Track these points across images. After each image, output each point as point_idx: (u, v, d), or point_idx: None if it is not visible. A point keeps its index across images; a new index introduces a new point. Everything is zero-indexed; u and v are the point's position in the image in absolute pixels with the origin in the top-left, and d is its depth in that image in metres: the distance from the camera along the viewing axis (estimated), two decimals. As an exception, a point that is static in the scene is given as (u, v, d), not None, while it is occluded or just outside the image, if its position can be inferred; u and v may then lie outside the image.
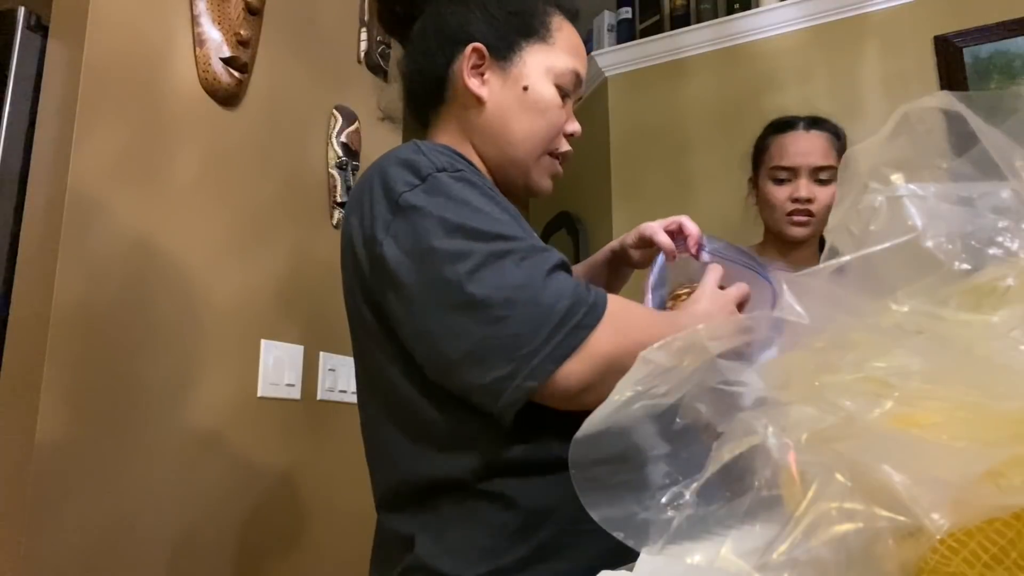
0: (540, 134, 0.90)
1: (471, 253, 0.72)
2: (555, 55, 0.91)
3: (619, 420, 0.52)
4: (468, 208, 0.75)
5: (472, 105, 0.92)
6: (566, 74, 0.91)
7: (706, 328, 0.52)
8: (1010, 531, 0.37)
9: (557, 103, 0.91)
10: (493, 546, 0.75)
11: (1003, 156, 0.48)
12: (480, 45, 0.90)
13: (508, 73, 0.91)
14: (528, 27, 0.91)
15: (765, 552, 0.40)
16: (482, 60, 0.91)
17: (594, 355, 0.71)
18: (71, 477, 1.17)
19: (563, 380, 0.71)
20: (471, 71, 0.91)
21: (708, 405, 0.51)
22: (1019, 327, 0.42)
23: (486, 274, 0.71)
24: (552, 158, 0.94)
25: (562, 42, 0.92)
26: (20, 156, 1.24)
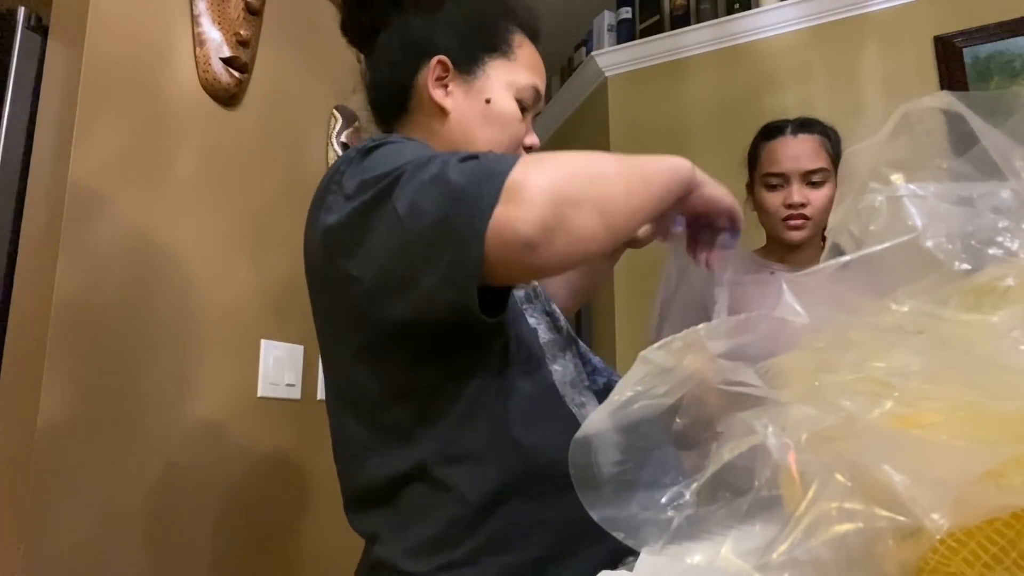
0: (501, 146, 0.92)
1: (391, 183, 0.72)
2: (516, 71, 0.93)
3: (619, 420, 0.52)
4: (387, 155, 0.77)
5: (436, 115, 0.94)
6: (526, 89, 0.93)
7: (706, 328, 0.52)
8: (1010, 531, 0.37)
9: (517, 116, 0.92)
10: (445, 538, 0.76)
11: (1003, 156, 0.48)
12: (444, 58, 0.93)
13: (471, 86, 0.93)
14: (491, 43, 0.93)
15: (765, 552, 0.40)
16: (446, 72, 0.93)
17: (525, 189, 0.66)
18: (71, 476, 1.17)
19: (506, 228, 0.66)
20: (435, 82, 0.93)
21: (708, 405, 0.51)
22: (1019, 327, 0.42)
23: (404, 191, 0.71)
24: None
25: (523, 59, 0.94)
26: (20, 156, 1.24)
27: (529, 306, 0.87)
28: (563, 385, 0.83)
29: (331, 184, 0.80)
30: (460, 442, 0.77)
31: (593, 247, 0.70)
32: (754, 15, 2.47)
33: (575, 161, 0.70)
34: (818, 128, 1.52)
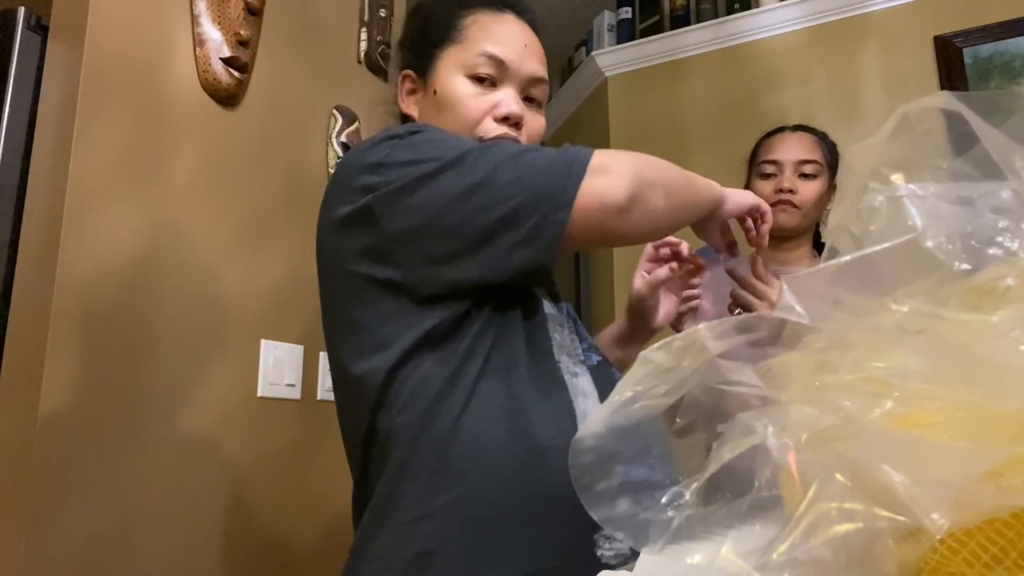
0: (456, 127, 0.91)
1: (457, 156, 0.79)
2: (464, 48, 0.93)
3: (619, 420, 0.52)
4: (435, 137, 0.83)
5: None
6: (476, 61, 0.91)
7: (706, 328, 0.52)
8: (1010, 531, 0.37)
9: (468, 93, 0.91)
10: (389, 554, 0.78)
11: (1003, 156, 0.48)
12: (408, 71, 0.98)
13: (427, 85, 0.96)
14: (438, 37, 0.95)
15: (765, 552, 0.40)
16: (414, 84, 0.98)
17: (611, 167, 0.78)
18: (71, 476, 1.17)
19: (594, 197, 0.76)
20: (406, 96, 0.99)
21: (708, 405, 0.51)
22: (1019, 327, 0.42)
23: (480, 163, 0.78)
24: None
25: (474, 34, 0.93)
26: (20, 156, 1.24)
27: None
28: (559, 352, 0.85)
29: (371, 156, 0.83)
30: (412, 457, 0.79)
31: (661, 225, 0.84)
32: (754, 15, 2.47)
33: (644, 156, 0.82)
34: (816, 131, 1.58)
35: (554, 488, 0.74)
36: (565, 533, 0.75)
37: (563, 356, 0.85)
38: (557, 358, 0.84)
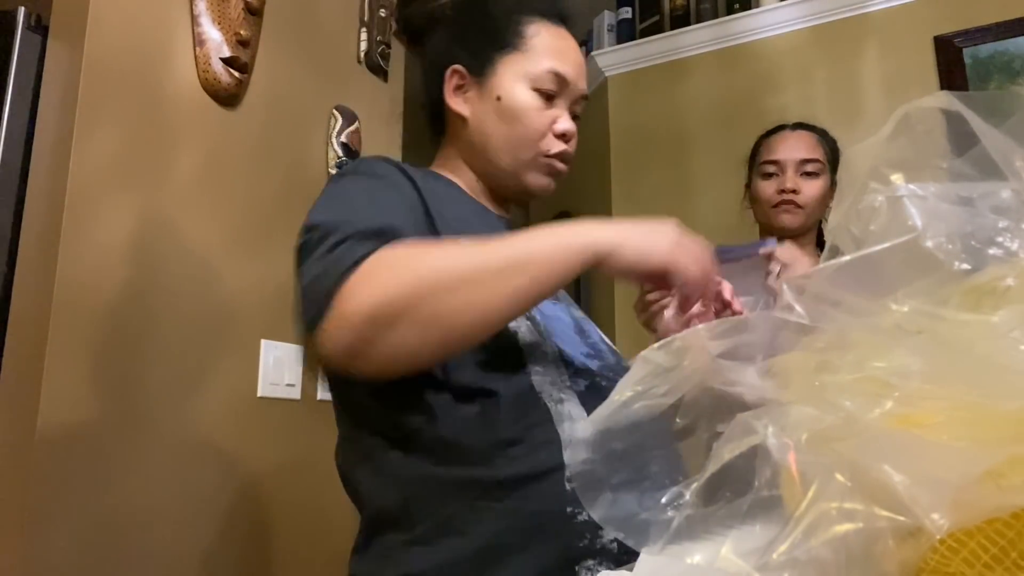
0: (519, 140, 0.93)
1: (317, 236, 0.77)
2: (530, 60, 0.93)
3: (619, 420, 0.52)
4: (341, 195, 0.83)
5: (460, 125, 0.97)
6: (542, 76, 0.93)
7: (706, 328, 0.52)
8: (1010, 531, 0.37)
9: (534, 106, 0.93)
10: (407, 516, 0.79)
11: (1003, 156, 0.48)
12: (458, 66, 0.95)
13: (484, 87, 0.94)
14: (500, 40, 0.95)
15: (765, 552, 0.40)
16: (463, 80, 0.96)
17: (343, 312, 0.69)
18: (71, 476, 1.17)
19: (325, 342, 0.70)
20: (453, 92, 0.96)
21: (708, 405, 0.51)
22: (1019, 327, 0.42)
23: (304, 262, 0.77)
24: (547, 159, 0.95)
25: (539, 46, 0.94)
26: (20, 156, 1.24)
27: None
28: (542, 384, 0.82)
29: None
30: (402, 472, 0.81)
31: (419, 359, 0.73)
32: (754, 15, 2.47)
33: (422, 270, 0.70)
34: (817, 129, 1.58)
35: (535, 519, 0.75)
36: (546, 564, 0.74)
37: (546, 386, 0.82)
38: (538, 389, 0.82)
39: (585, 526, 0.74)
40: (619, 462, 0.53)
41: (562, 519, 0.74)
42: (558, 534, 0.73)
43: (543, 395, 0.81)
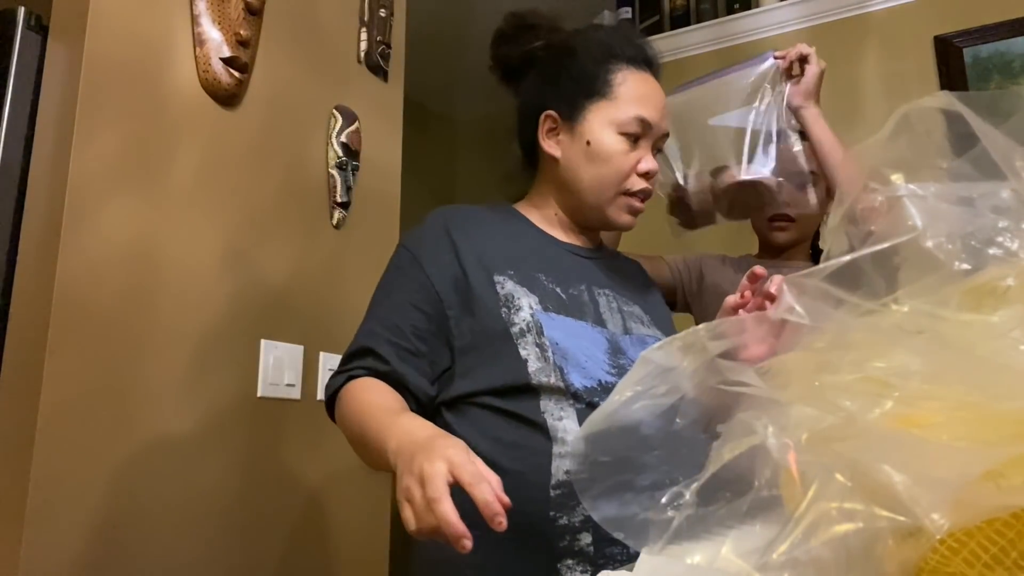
0: (606, 180, 1.04)
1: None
2: (617, 107, 1.03)
3: (619, 420, 0.52)
4: (382, 281, 1.04)
5: (551, 165, 1.08)
6: (629, 122, 1.03)
7: (706, 328, 0.53)
8: (1010, 531, 0.37)
9: (620, 150, 1.03)
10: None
11: (1003, 156, 0.48)
12: (552, 112, 1.06)
13: (575, 132, 1.05)
14: (591, 89, 1.04)
15: (765, 552, 0.40)
16: (556, 124, 1.07)
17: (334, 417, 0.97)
18: (71, 475, 1.17)
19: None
20: (546, 135, 1.07)
21: (708, 405, 0.51)
22: (1019, 327, 0.42)
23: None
24: (628, 196, 1.05)
25: (625, 94, 1.04)
26: (20, 156, 1.24)
27: (522, 339, 0.94)
28: (547, 404, 0.91)
29: None
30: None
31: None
32: (754, 15, 2.46)
33: (343, 425, 0.94)
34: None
35: (524, 517, 0.78)
36: (530, 558, 0.84)
37: (549, 405, 0.91)
38: (542, 409, 0.91)
39: (565, 529, 0.85)
40: (619, 462, 0.53)
41: (546, 521, 0.85)
42: (542, 533, 0.84)
43: (545, 412, 0.90)
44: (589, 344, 0.98)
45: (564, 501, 0.86)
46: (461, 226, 1.04)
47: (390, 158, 1.96)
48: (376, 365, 0.95)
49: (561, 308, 1.00)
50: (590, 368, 0.95)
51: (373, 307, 1.03)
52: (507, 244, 1.04)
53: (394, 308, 0.99)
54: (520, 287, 0.99)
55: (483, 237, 1.04)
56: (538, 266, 1.03)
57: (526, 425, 0.90)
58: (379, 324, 0.99)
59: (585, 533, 0.85)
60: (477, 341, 0.96)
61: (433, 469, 0.66)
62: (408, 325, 0.97)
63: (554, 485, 0.86)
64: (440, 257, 1.01)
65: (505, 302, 0.97)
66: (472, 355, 0.96)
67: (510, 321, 0.95)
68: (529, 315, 0.96)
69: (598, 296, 1.06)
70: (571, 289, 1.04)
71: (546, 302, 0.98)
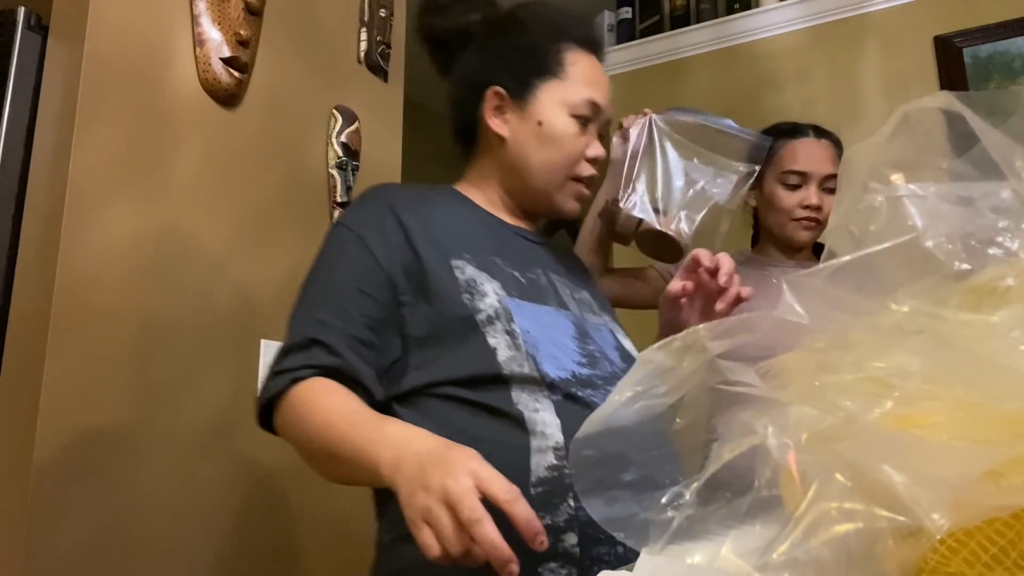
0: (557, 164, 1.00)
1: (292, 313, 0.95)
2: (569, 88, 1.00)
3: (619, 420, 0.52)
4: (313, 275, 0.95)
5: (496, 143, 1.02)
6: (580, 104, 1.00)
7: (706, 328, 0.53)
8: (1010, 531, 0.37)
9: (572, 133, 1.00)
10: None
11: (1003, 156, 0.48)
12: (499, 88, 1.00)
13: (525, 111, 1.00)
14: (541, 67, 1.00)
15: (765, 552, 0.40)
16: (502, 101, 1.01)
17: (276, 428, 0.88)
18: (71, 477, 1.17)
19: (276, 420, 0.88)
20: (492, 112, 1.01)
21: (708, 405, 0.51)
22: (1019, 327, 0.42)
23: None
24: (576, 182, 1.02)
25: (577, 75, 1.01)
26: (20, 156, 1.24)
27: (490, 327, 0.87)
28: (519, 396, 0.84)
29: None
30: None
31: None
32: (754, 15, 2.46)
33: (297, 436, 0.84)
34: (834, 137, 1.52)
35: (498, 518, 0.71)
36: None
37: (522, 396, 0.84)
38: (515, 400, 0.83)
39: (548, 530, 0.67)
40: (619, 462, 0.53)
41: None
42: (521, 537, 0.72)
43: (519, 404, 0.83)
44: (557, 332, 0.92)
45: (547, 499, 0.78)
46: (408, 206, 0.96)
47: (390, 158, 1.96)
48: (325, 359, 0.85)
49: (524, 294, 0.93)
50: (562, 359, 0.89)
51: (313, 292, 0.92)
52: (458, 226, 0.97)
53: (341, 293, 0.90)
54: (481, 272, 0.91)
55: (432, 218, 0.96)
56: (492, 249, 0.96)
57: (498, 417, 0.83)
58: (325, 311, 0.89)
59: (570, 533, 0.77)
60: (436, 330, 0.88)
61: (460, 487, 0.60)
62: (358, 312, 0.88)
63: (534, 483, 0.79)
64: (388, 238, 0.92)
65: (467, 288, 0.89)
66: (431, 345, 0.88)
67: (474, 308, 0.88)
68: (496, 301, 0.89)
69: (554, 280, 1.01)
70: (528, 273, 0.97)
71: (508, 288, 0.92)
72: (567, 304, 0.98)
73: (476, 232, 0.98)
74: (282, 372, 0.86)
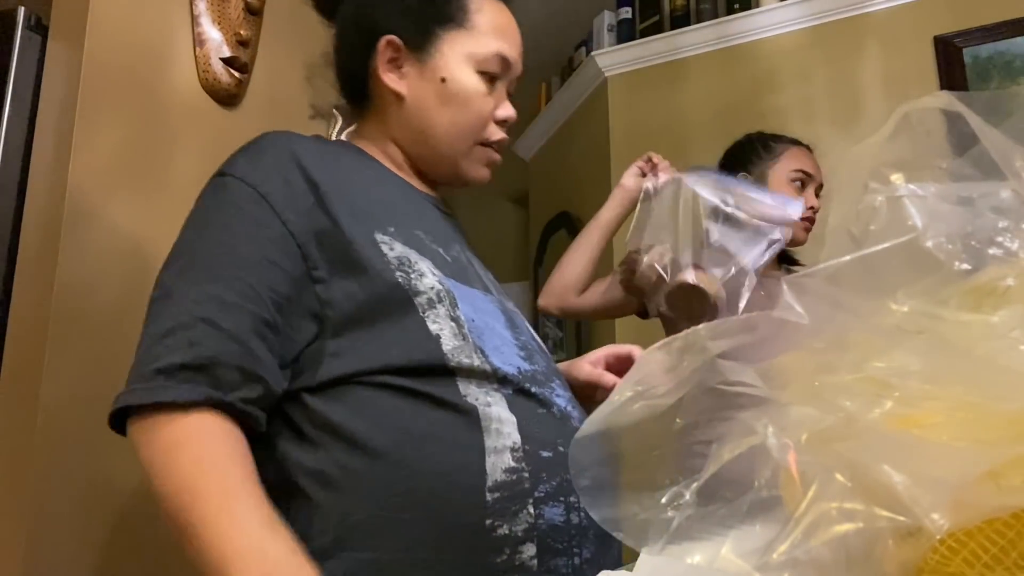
0: (463, 126, 0.88)
1: (165, 269, 0.78)
2: (475, 40, 0.87)
3: (619, 420, 0.52)
4: (205, 224, 0.80)
5: (393, 102, 0.90)
6: (489, 59, 0.87)
7: (706, 328, 0.52)
8: (1010, 531, 0.37)
9: (480, 91, 0.87)
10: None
11: (1003, 156, 0.48)
12: (394, 38, 0.87)
13: (425, 65, 0.87)
14: (443, 13, 0.88)
15: (765, 552, 0.40)
16: (398, 53, 0.88)
17: (137, 446, 0.76)
18: (71, 475, 1.17)
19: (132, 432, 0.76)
20: (387, 66, 0.88)
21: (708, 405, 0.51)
22: (1019, 327, 0.42)
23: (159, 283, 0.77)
24: (485, 147, 0.90)
25: (484, 24, 0.88)
26: (20, 156, 1.24)
27: (431, 312, 0.76)
28: (467, 387, 0.74)
29: (212, 176, 0.85)
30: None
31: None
32: (754, 15, 2.46)
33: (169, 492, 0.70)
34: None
35: (450, 532, 0.68)
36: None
37: (471, 388, 0.74)
38: (463, 392, 0.74)
39: (505, 541, 0.69)
40: (619, 462, 0.53)
41: (481, 532, 0.68)
42: (472, 549, 0.68)
43: (468, 396, 0.74)
44: (492, 320, 0.82)
45: (504, 507, 0.69)
46: (317, 163, 0.81)
47: (390, 158, 1.96)
48: (219, 375, 0.69)
49: (455, 275, 0.81)
50: (506, 352, 0.79)
51: (205, 259, 0.75)
52: (376, 192, 0.84)
53: (241, 263, 0.73)
54: (409, 248, 0.79)
55: (346, 179, 0.82)
56: (414, 222, 0.83)
57: (446, 411, 0.72)
58: (222, 284, 0.72)
59: (529, 544, 0.69)
60: (362, 311, 0.74)
61: None
62: (264, 287, 0.72)
63: (491, 487, 0.69)
64: (297, 200, 0.77)
65: (399, 266, 0.76)
66: (357, 329, 0.75)
67: (412, 288, 0.75)
68: (436, 282, 0.77)
69: (471, 259, 0.90)
70: (451, 251, 0.85)
71: (441, 268, 0.80)
72: (489, 288, 0.88)
73: (395, 201, 0.86)
74: (166, 373, 0.71)
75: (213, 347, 0.69)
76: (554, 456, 0.74)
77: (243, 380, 0.70)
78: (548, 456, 0.73)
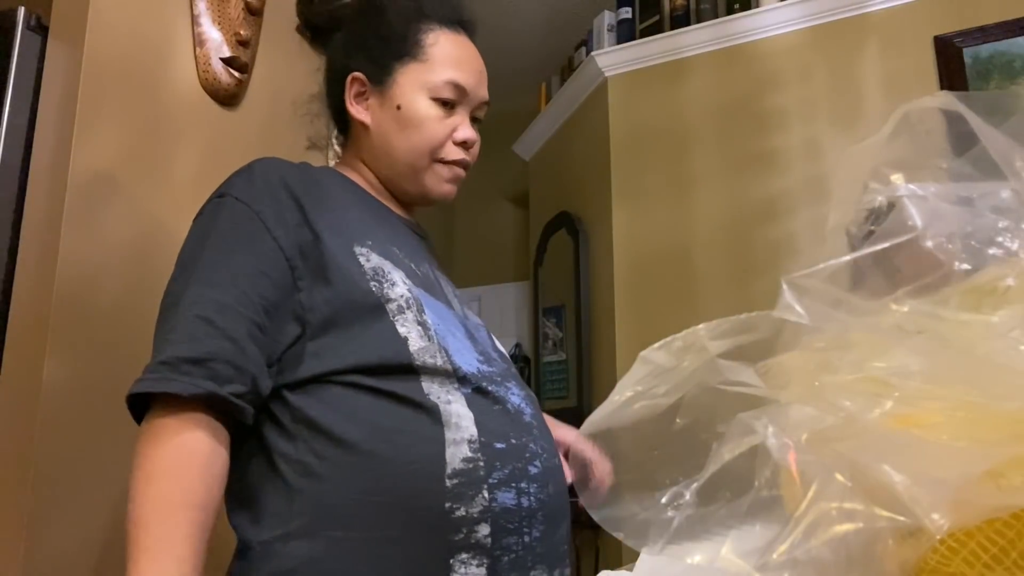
0: (419, 146, 0.97)
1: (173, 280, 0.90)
2: (430, 70, 0.97)
3: (619, 420, 0.52)
4: (206, 238, 0.89)
5: (362, 131, 1.01)
6: (442, 86, 0.97)
7: (706, 328, 0.53)
8: (1010, 531, 0.37)
9: (433, 115, 0.97)
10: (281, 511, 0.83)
11: (1003, 156, 0.48)
12: (359, 74, 1.00)
13: (385, 96, 0.98)
14: (399, 50, 0.98)
15: (765, 552, 0.40)
16: (364, 88, 1.00)
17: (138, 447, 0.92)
18: (71, 474, 1.17)
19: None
20: (354, 99, 1.01)
21: (708, 405, 0.51)
22: (1019, 327, 0.42)
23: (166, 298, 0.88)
24: (446, 165, 0.99)
25: (438, 56, 0.98)
26: (20, 156, 1.24)
27: (400, 316, 0.85)
28: (431, 386, 0.83)
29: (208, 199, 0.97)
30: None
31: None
32: (754, 15, 2.46)
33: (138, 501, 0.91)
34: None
35: (413, 513, 0.78)
36: (420, 557, 0.78)
37: (433, 387, 0.83)
38: (427, 391, 0.83)
39: (462, 521, 0.78)
40: (619, 462, 0.53)
41: (441, 514, 0.78)
42: (434, 528, 0.78)
43: (431, 395, 0.82)
44: (454, 329, 0.91)
45: (462, 491, 0.79)
46: (301, 184, 0.92)
47: (390, 158, 1.96)
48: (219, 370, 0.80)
49: (422, 286, 0.91)
50: (465, 354, 0.89)
51: (207, 268, 0.85)
52: (354, 211, 0.94)
53: (239, 273, 0.84)
54: (385, 260, 0.89)
55: (327, 199, 0.93)
56: (388, 239, 0.93)
57: (410, 407, 0.81)
58: (221, 291, 0.82)
59: (483, 524, 0.78)
60: (338, 316, 0.84)
61: None
62: (257, 295, 0.83)
63: (450, 474, 0.79)
64: (284, 217, 0.87)
65: (374, 276, 0.86)
66: (332, 332, 0.84)
67: (384, 296, 0.85)
68: (406, 290, 0.87)
69: (438, 276, 1.00)
70: (421, 268, 0.95)
71: (411, 279, 0.89)
72: (451, 303, 0.97)
73: (373, 219, 0.96)
74: (178, 368, 0.81)
75: (211, 344, 0.79)
76: (507, 447, 0.82)
77: (235, 375, 0.79)
78: (502, 447, 0.82)
